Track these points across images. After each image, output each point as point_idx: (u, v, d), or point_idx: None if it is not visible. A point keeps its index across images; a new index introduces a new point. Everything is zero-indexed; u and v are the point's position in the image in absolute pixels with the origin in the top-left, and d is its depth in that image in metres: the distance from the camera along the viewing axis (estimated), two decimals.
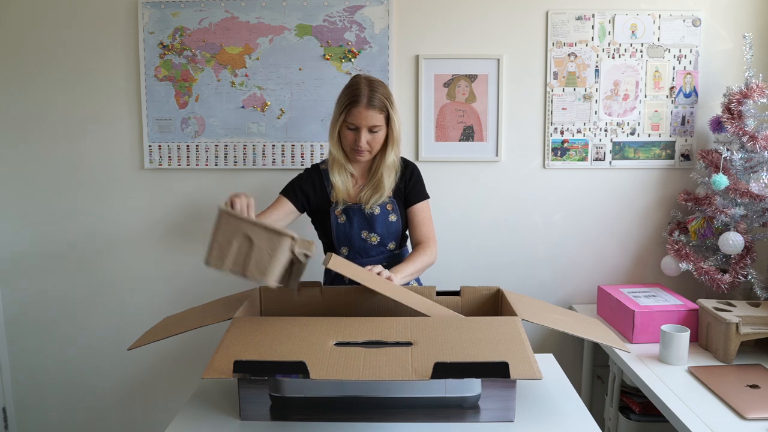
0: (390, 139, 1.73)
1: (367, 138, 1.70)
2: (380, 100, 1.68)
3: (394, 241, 1.83)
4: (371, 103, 1.66)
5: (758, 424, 1.35)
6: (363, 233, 1.78)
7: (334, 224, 1.79)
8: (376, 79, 1.75)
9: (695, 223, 2.08)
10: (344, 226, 1.78)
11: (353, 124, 1.68)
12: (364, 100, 1.66)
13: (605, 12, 2.19)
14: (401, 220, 1.81)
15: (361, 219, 1.77)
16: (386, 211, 1.79)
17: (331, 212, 1.79)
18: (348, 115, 1.68)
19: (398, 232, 1.82)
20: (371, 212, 1.77)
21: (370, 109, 1.66)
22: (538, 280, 2.33)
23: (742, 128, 1.98)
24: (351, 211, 1.78)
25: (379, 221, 1.78)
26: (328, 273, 1.88)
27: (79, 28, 2.22)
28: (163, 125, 2.25)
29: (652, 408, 1.80)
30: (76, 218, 2.32)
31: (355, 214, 1.77)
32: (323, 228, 1.83)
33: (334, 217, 1.79)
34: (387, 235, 1.80)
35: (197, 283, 2.34)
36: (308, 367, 1.06)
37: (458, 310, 1.52)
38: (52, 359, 2.40)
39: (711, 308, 1.78)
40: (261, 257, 1.30)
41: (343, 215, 1.78)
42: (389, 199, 1.79)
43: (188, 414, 1.26)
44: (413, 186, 1.82)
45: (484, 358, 1.12)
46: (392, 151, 1.74)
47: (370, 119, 1.67)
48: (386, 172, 1.76)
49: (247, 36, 2.20)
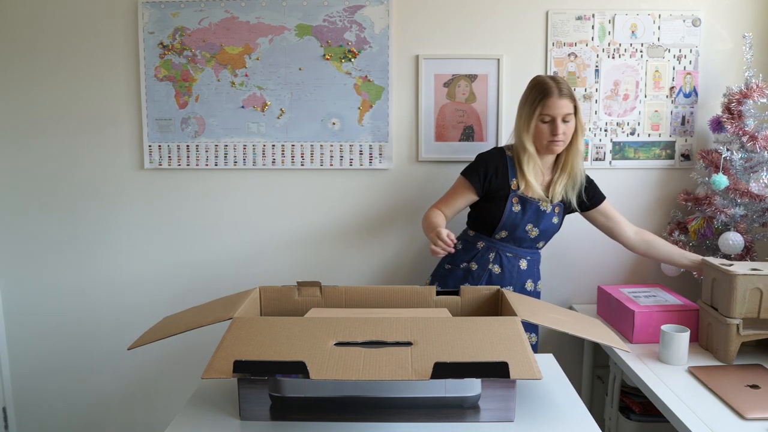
0: (578, 128, 1.84)
1: (563, 128, 1.80)
2: (568, 89, 1.81)
3: (545, 240, 1.97)
4: (562, 92, 1.79)
5: (758, 424, 1.35)
6: (528, 225, 1.90)
7: (508, 210, 1.88)
8: (559, 75, 1.90)
9: (695, 223, 2.08)
10: (516, 215, 1.88)
11: (549, 116, 1.79)
12: (556, 91, 1.78)
13: (605, 12, 2.19)
14: (560, 223, 1.96)
15: (533, 212, 1.89)
16: (553, 212, 1.92)
17: (510, 198, 1.88)
18: (543, 107, 1.79)
19: (553, 233, 1.97)
20: (544, 210, 1.89)
21: (563, 98, 1.78)
22: None
23: (742, 128, 1.98)
24: (527, 203, 1.88)
25: (546, 218, 1.90)
26: (469, 244, 1.97)
27: (79, 28, 2.22)
28: (163, 125, 2.25)
29: (652, 408, 1.80)
30: (77, 218, 2.32)
31: (531, 207, 1.89)
32: (492, 209, 1.90)
33: (510, 204, 1.88)
34: (545, 233, 1.93)
35: (197, 283, 2.34)
36: (308, 367, 1.06)
37: (458, 310, 1.52)
38: (52, 359, 2.40)
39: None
40: None
41: (519, 205, 1.88)
42: (559, 201, 1.92)
43: (188, 414, 1.25)
44: (594, 191, 1.97)
45: (484, 358, 1.12)
46: (581, 138, 1.86)
47: (563, 108, 1.79)
48: (577, 159, 1.87)
49: (247, 36, 2.20)
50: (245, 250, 2.33)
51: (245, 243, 2.33)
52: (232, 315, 1.32)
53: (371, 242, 2.34)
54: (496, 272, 1.92)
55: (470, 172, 1.93)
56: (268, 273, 2.34)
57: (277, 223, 2.32)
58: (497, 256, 1.92)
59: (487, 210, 1.92)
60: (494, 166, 1.90)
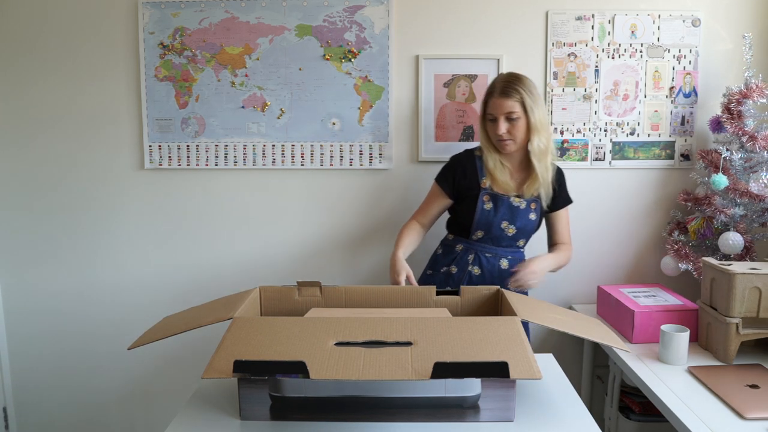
0: (530, 126, 1.82)
1: (506, 126, 1.79)
2: (514, 89, 1.79)
3: (525, 238, 1.94)
4: (504, 92, 1.79)
5: (758, 424, 1.35)
6: (503, 223, 1.88)
7: (479, 208, 1.87)
8: (517, 73, 1.86)
9: (695, 223, 2.08)
10: (489, 212, 1.87)
11: (492, 114, 1.82)
12: (498, 90, 1.80)
13: (605, 12, 2.19)
14: (538, 220, 1.93)
15: (506, 209, 1.87)
16: (529, 209, 1.89)
17: (480, 197, 1.87)
18: (486, 106, 1.84)
19: (532, 231, 1.94)
20: (517, 205, 1.87)
21: (503, 97, 1.79)
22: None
23: (742, 128, 1.98)
24: (499, 200, 1.87)
25: (521, 215, 1.88)
26: (448, 248, 1.98)
27: (79, 28, 2.22)
28: (163, 125, 2.25)
29: (652, 408, 1.80)
30: (77, 218, 2.32)
31: (503, 204, 1.87)
32: (464, 210, 1.90)
33: (481, 202, 1.87)
34: (523, 230, 1.90)
35: (197, 283, 2.34)
36: (308, 367, 1.06)
37: (458, 310, 1.52)
38: (53, 359, 2.40)
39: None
40: None
41: (490, 203, 1.87)
42: (535, 197, 1.89)
43: (188, 414, 1.26)
44: (561, 191, 1.94)
45: (483, 358, 1.12)
46: (535, 137, 1.83)
47: (504, 107, 1.79)
48: (534, 158, 1.84)
49: (247, 36, 2.20)
50: (245, 250, 2.33)
51: (245, 243, 2.33)
52: (232, 315, 1.32)
53: (371, 242, 2.34)
54: (476, 273, 1.91)
55: (440, 177, 1.95)
56: (268, 273, 2.34)
57: (277, 223, 2.32)
58: (476, 258, 1.91)
59: (461, 211, 1.92)
60: (462, 167, 1.92)
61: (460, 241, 1.94)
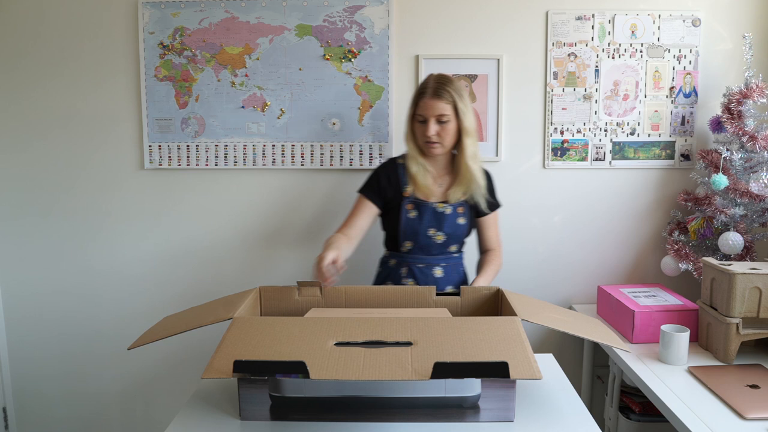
0: (462, 130, 1.77)
1: (436, 129, 1.74)
2: (446, 91, 1.74)
3: (458, 243, 1.88)
4: (437, 94, 1.73)
5: (758, 424, 1.35)
6: (430, 230, 1.83)
7: (403, 217, 1.82)
8: (448, 75, 1.81)
9: (695, 223, 2.08)
10: (413, 221, 1.82)
11: (422, 116, 1.76)
12: (430, 91, 1.74)
13: (605, 12, 2.19)
14: (469, 224, 1.87)
15: (431, 216, 1.82)
16: (457, 213, 1.84)
17: (403, 205, 1.83)
18: (417, 107, 1.78)
19: (463, 236, 1.88)
20: (442, 211, 1.82)
21: (435, 99, 1.73)
22: (538, 280, 2.33)
23: (742, 128, 1.98)
24: (423, 207, 1.82)
25: (448, 221, 1.82)
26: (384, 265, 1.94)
27: (78, 28, 2.22)
28: (163, 125, 2.25)
29: (652, 408, 1.81)
30: (77, 218, 2.32)
31: (427, 210, 1.82)
32: (391, 220, 1.86)
33: (405, 211, 1.82)
34: (453, 236, 1.84)
35: (197, 283, 2.34)
36: (308, 367, 1.06)
37: (458, 310, 1.52)
38: (52, 359, 2.40)
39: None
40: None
41: (415, 210, 1.82)
42: (462, 202, 1.84)
43: (188, 414, 1.26)
44: (490, 196, 1.89)
45: (484, 358, 1.12)
46: (468, 140, 1.78)
47: (436, 109, 1.73)
48: (471, 162, 1.79)
49: (247, 36, 2.20)
50: (245, 250, 2.33)
51: (245, 243, 2.33)
52: (232, 315, 1.32)
53: (371, 242, 2.33)
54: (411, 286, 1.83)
55: (365, 187, 1.88)
56: (268, 273, 2.34)
57: (278, 223, 2.32)
58: (409, 270, 1.86)
59: (388, 222, 1.87)
60: (386, 175, 1.86)
61: (393, 256, 1.90)
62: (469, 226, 1.87)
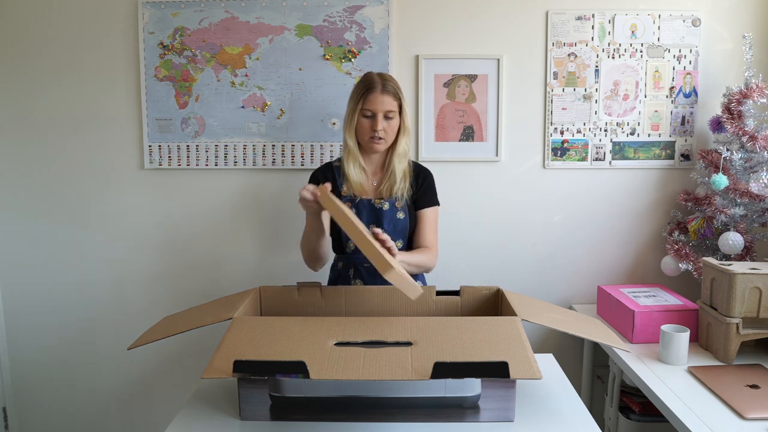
0: (402, 128, 1.79)
1: (383, 125, 1.75)
2: (394, 88, 1.77)
3: (402, 239, 1.84)
4: (386, 89, 1.75)
5: (758, 424, 1.35)
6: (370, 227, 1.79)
7: None
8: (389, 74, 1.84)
9: (695, 223, 2.08)
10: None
11: (370, 110, 1.75)
12: (379, 86, 1.75)
13: (605, 12, 2.19)
14: (409, 219, 1.83)
15: (370, 213, 1.80)
16: (395, 208, 1.81)
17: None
18: (365, 102, 1.75)
19: (405, 231, 1.84)
20: (380, 207, 1.80)
21: (385, 94, 1.75)
22: (538, 280, 2.33)
23: (742, 128, 1.98)
24: (361, 204, 1.80)
25: (386, 217, 1.80)
26: (333, 270, 1.92)
27: (79, 28, 2.22)
28: (163, 125, 2.25)
29: (652, 408, 1.80)
30: (76, 218, 2.32)
31: (365, 208, 1.80)
32: (332, 223, 1.82)
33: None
34: (394, 231, 1.81)
35: (197, 283, 2.34)
36: (308, 367, 1.06)
37: (458, 310, 1.52)
38: (52, 359, 2.40)
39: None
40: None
41: (353, 208, 1.80)
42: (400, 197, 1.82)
43: (188, 414, 1.26)
44: (425, 191, 1.86)
45: (484, 358, 1.12)
46: (403, 139, 1.80)
47: (385, 104, 1.74)
48: (397, 159, 1.80)
49: (247, 36, 2.20)
50: (246, 250, 2.33)
51: (246, 243, 2.33)
52: (232, 315, 1.32)
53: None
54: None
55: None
56: (268, 273, 2.34)
57: (278, 223, 2.32)
58: (356, 271, 1.84)
59: (333, 225, 1.83)
60: (323, 177, 1.85)
61: (340, 258, 1.89)
62: (411, 221, 1.83)
